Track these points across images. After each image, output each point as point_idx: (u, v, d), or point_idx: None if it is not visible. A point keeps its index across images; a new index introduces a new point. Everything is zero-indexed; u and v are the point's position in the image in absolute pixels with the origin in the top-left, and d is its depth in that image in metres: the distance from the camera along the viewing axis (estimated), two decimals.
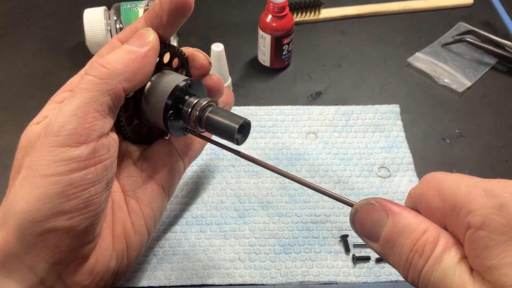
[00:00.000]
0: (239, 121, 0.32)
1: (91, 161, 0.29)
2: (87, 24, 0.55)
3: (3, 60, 0.60)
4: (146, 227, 0.35)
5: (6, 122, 0.53)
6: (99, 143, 0.29)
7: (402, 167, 0.47)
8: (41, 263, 0.29)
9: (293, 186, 0.46)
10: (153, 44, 0.31)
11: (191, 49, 0.36)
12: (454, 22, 0.64)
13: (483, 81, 0.57)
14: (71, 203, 0.28)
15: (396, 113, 0.52)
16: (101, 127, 0.29)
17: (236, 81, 0.57)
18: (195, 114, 0.33)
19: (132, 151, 0.36)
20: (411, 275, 0.23)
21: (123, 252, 0.34)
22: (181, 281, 0.40)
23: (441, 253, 0.22)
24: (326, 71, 0.59)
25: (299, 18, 0.64)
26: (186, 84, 0.33)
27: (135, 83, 0.30)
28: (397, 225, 0.24)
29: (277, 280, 0.40)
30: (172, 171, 0.37)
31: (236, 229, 0.43)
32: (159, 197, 0.36)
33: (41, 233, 0.28)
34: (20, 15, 0.67)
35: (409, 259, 0.23)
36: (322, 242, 0.42)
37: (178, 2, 0.31)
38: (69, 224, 0.29)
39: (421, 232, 0.23)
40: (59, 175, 0.28)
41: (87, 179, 0.29)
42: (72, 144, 0.28)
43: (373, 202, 0.25)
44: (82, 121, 0.28)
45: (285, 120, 0.52)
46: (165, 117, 0.33)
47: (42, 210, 0.28)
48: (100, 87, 0.29)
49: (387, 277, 0.40)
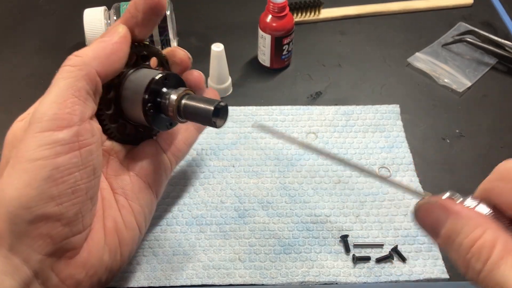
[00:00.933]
0: (214, 103, 0.32)
1: (75, 145, 0.29)
2: (87, 24, 0.55)
3: (3, 60, 0.60)
4: (137, 223, 0.36)
5: (6, 122, 0.53)
6: (81, 127, 0.30)
7: (402, 167, 0.47)
8: (34, 254, 0.29)
9: (293, 186, 0.46)
10: (123, 33, 0.33)
11: (169, 47, 0.38)
12: (454, 22, 0.64)
13: (483, 81, 0.57)
14: (59, 188, 0.29)
15: (396, 113, 0.52)
16: (81, 111, 0.30)
17: (236, 81, 0.57)
18: (173, 104, 0.33)
19: (119, 150, 0.37)
20: (470, 275, 0.23)
21: (115, 247, 0.34)
22: (181, 281, 0.40)
23: (499, 259, 0.22)
24: (326, 71, 0.59)
25: (299, 18, 0.64)
26: (162, 77, 0.34)
27: (107, 67, 0.32)
28: (455, 226, 0.24)
29: (277, 280, 0.40)
30: (158, 170, 0.38)
31: (236, 229, 0.43)
32: (148, 195, 0.37)
33: (32, 220, 0.28)
34: (20, 15, 0.67)
35: (467, 259, 0.23)
36: (322, 242, 0.42)
37: (152, 1, 0.34)
38: (59, 210, 0.29)
39: (478, 235, 0.23)
40: (45, 159, 0.28)
41: (72, 163, 0.29)
42: (55, 128, 0.29)
43: (434, 200, 0.25)
44: (62, 106, 0.29)
45: (285, 120, 0.52)
46: (145, 111, 0.34)
47: (31, 195, 0.28)
48: (75, 74, 0.30)
49: (387, 277, 0.40)
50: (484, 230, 0.23)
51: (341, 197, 0.45)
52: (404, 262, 0.41)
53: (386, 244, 0.42)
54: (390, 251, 0.41)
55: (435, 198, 0.26)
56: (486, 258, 0.23)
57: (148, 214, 0.38)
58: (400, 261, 0.41)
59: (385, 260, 0.41)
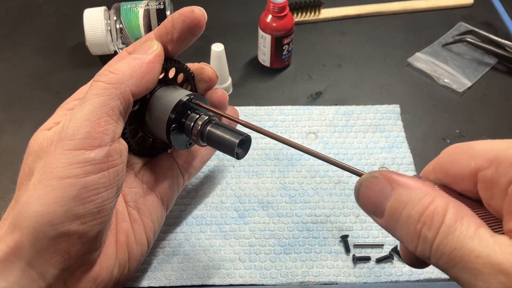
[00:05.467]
0: (240, 136, 0.33)
1: (105, 165, 0.29)
2: (87, 24, 0.55)
3: (3, 60, 0.60)
4: (147, 237, 0.36)
5: (6, 122, 0.53)
6: (112, 148, 0.30)
7: (402, 167, 0.47)
8: (51, 269, 0.29)
9: (293, 186, 0.46)
10: (158, 52, 0.32)
11: (197, 64, 0.38)
12: (454, 22, 0.64)
13: (483, 81, 0.57)
14: (85, 207, 0.29)
15: (396, 113, 0.52)
16: (113, 131, 0.30)
17: (236, 81, 0.57)
18: (197, 128, 0.34)
19: (134, 162, 0.37)
20: (421, 248, 0.22)
21: (125, 262, 0.34)
22: (181, 281, 0.40)
23: (453, 223, 0.21)
24: (326, 71, 0.59)
25: (299, 18, 0.64)
26: (189, 99, 0.34)
27: (142, 87, 0.31)
28: (401, 196, 0.22)
29: (277, 281, 0.40)
30: (172, 184, 0.38)
31: (236, 230, 0.43)
32: (159, 209, 0.37)
33: (55, 236, 0.28)
34: (20, 15, 0.67)
35: (417, 230, 0.22)
36: (322, 242, 0.42)
37: (191, 22, 0.33)
38: (82, 229, 0.29)
39: (428, 203, 0.22)
40: (74, 178, 0.28)
41: (101, 183, 0.29)
42: (87, 147, 0.28)
43: (377, 175, 0.24)
44: (95, 125, 0.29)
45: (285, 120, 0.52)
46: (168, 130, 0.34)
47: (58, 212, 0.28)
48: (110, 92, 0.30)
49: (387, 277, 0.40)
50: (434, 197, 0.22)
51: (341, 197, 0.45)
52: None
53: (386, 244, 0.42)
54: (390, 251, 0.41)
55: (378, 173, 0.24)
56: (438, 225, 0.21)
57: (158, 228, 0.38)
58: (400, 261, 0.41)
59: (385, 260, 0.41)
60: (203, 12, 0.33)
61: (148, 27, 0.56)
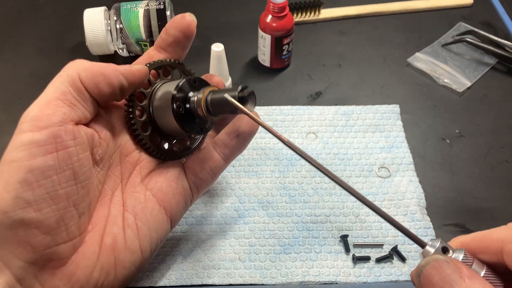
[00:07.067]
0: (238, 88, 0.33)
1: (51, 146, 0.29)
2: (87, 24, 0.55)
3: (3, 60, 0.60)
4: (140, 246, 0.34)
5: (6, 122, 0.53)
6: (60, 129, 0.29)
7: (402, 167, 0.47)
8: (15, 261, 0.28)
9: (293, 186, 0.46)
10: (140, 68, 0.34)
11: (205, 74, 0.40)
12: (454, 22, 0.64)
13: (483, 81, 0.57)
14: (35, 192, 0.28)
15: (396, 113, 0.52)
16: (64, 113, 0.30)
17: (236, 81, 0.57)
18: (200, 102, 0.34)
19: (144, 166, 0.36)
20: None
21: (109, 266, 0.33)
22: (181, 281, 0.40)
23: None
24: (326, 71, 0.59)
25: (299, 18, 0.64)
26: (190, 79, 0.35)
27: (92, 72, 0.32)
28: None
29: (277, 280, 0.40)
30: (176, 195, 0.36)
31: (236, 229, 0.43)
32: (160, 219, 0.36)
33: (11, 225, 0.28)
34: (20, 15, 0.67)
35: None
36: (322, 242, 0.42)
37: (182, 26, 0.37)
38: (37, 216, 0.28)
39: None
40: (19, 161, 0.28)
41: (48, 165, 0.29)
42: (33, 130, 0.29)
43: (446, 259, 0.25)
44: (44, 108, 0.30)
45: (285, 120, 0.52)
46: (173, 110, 0.34)
47: (7, 198, 0.27)
48: (61, 79, 0.31)
49: (387, 277, 0.40)
50: None
51: (341, 197, 0.45)
52: (404, 262, 0.41)
53: (386, 244, 0.42)
54: (390, 251, 0.41)
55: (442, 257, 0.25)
56: None
57: (156, 239, 0.35)
58: (400, 261, 0.41)
59: (385, 260, 0.41)
60: (193, 17, 0.37)
61: (148, 27, 0.56)
